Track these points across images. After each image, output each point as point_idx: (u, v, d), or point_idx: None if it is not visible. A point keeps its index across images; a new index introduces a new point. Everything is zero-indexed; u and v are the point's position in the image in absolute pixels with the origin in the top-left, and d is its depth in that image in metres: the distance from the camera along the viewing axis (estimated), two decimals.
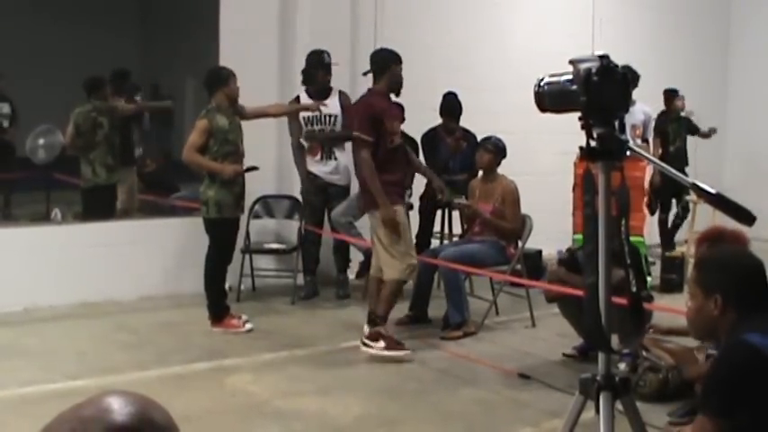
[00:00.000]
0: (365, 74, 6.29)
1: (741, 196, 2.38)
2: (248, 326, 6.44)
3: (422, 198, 7.87)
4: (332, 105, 7.36)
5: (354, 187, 7.81)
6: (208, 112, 6.40)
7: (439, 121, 7.91)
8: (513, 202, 6.72)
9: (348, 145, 7.64)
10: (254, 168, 6.58)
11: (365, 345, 5.88)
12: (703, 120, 11.21)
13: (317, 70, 7.38)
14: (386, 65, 6.12)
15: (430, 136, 7.92)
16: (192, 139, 6.39)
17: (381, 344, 5.83)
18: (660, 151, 9.49)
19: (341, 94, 7.53)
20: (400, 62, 6.16)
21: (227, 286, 6.72)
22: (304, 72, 7.44)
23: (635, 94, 7.76)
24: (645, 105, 8.54)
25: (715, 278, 2.73)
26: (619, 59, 2.37)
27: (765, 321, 2.62)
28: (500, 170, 6.86)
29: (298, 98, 7.35)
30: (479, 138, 7.32)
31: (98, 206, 8.06)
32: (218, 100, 6.41)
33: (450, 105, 7.84)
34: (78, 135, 8.02)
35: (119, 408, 1.14)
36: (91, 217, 7.95)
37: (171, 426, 1.17)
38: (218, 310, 6.47)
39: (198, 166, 6.48)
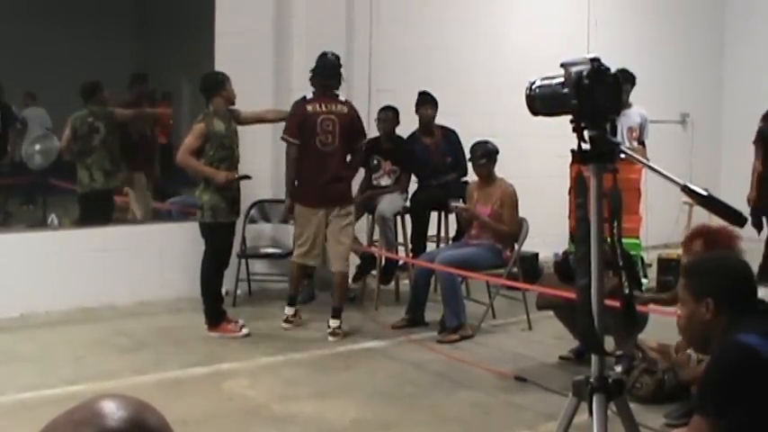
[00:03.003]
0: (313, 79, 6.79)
1: (737, 200, 2.40)
2: (245, 330, 6.44)
3: (413, 200, 7.86)
4: None
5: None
6: (205, 116, 6.41)
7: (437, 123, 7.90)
8: (511, 205, 6.72)
9: None
10: (246, 177, 6.58)
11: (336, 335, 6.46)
12: (697, 122, 11.26)
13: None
14: (339, 75, 6.78)
15: (409, 141, 7.89)
16: (188, 141, 6.40)
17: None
18: (759, 163, 8.54)
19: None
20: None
21: (223, 291, 6.73)
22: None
23: (631, 96, 7.85)
24: (641, 108, 8.54)
25: (705, 282, 2.74)
26: (614, 63, 2.39)
27: (757, 322, 2.64)
28: (498, 173, 6.86)
29: (305, 98, 7.27)
30: (470, 138, 7.33)
31: (95, 212, 8.04)
32: (216, 105, 6.42)
33: (421, 98, 7.82)
34: (75, 140, 8.03)
35: (111, 412, 1.13)
36: (88, 223, 7.94)
37: (165, 430, 1.18)
38: (215, 314, 6.46)
39: (191, 170, 6.48)
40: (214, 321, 6.44)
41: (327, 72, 6.66)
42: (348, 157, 6.74)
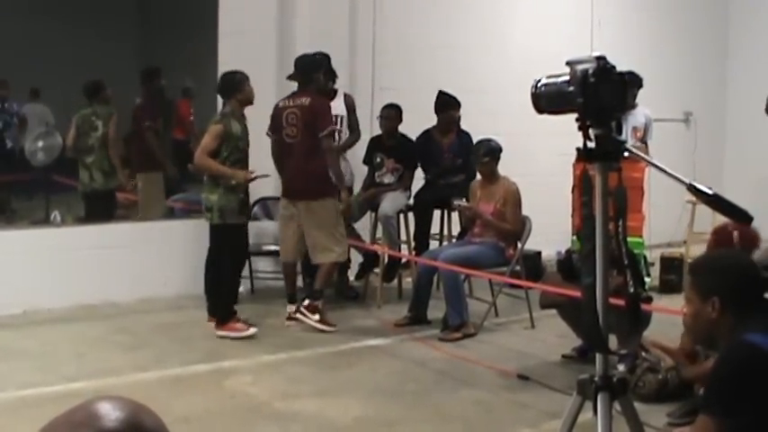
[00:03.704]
0: (289, 78, 6.97)
1: (740, 198, 2.39)
2: (252, 330, 6.34)
3: (416, 198, 7.85)
4: (338, 106, 7.37)
5: (355, 189, 7.83)
6: (223, 117, 6.36)
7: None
8: (514, 203, 6.71)
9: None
10: (264, 176, 6.55)
11: (302, 314, 6.53)
12: (700, 121, 11.25)
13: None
14: (310, 72, 6.79)
15: (424, 138, 7.88)
16: (205, 142, 6.32)
17: (316, 317, 6.49)
18: None
19: (345, 95, 7.57)
20: (322, 68, 6.97)
21: None
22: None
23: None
24: (646, 109, 8.53)
25: (711, 281, 2.73)
26: (617, 61, 2.37)
27: (765, 321, 2.63)
28: (501, 171, 6.85)
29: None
30: (474, 136, 7.34)
31: (96, 211, 8.07)
32: (233, 106, 6.38)
33: (446, 101, 7.79)
34: (78, 137, 8.06)
35: (108, 413, 1.14)
36: (90, 221, 7.96)
37: None
38: (227, 313, 6.34)
39: (209, 171, 6.36)
40: (223, 320, 6.34)
41: (295, 70, 6.88)
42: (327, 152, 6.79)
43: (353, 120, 7.60)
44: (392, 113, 7.76)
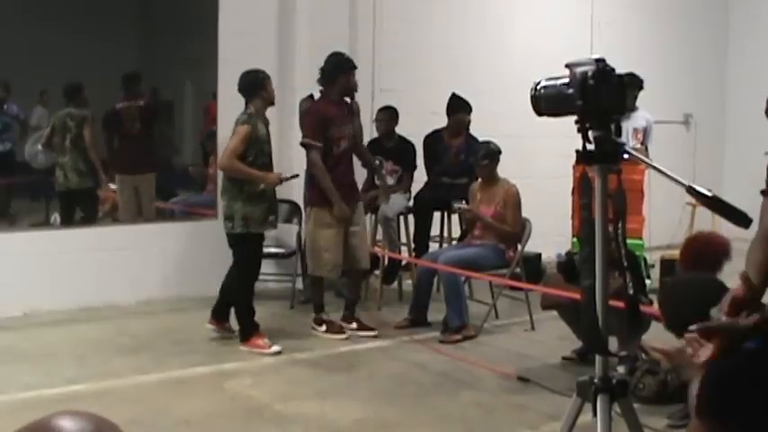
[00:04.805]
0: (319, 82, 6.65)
1: (740, 200, 2.39)
2: (275, 348, 6.03)
3: (417, 199, 7.85)
4: None
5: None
6: (250, 117, 6.01)
7: (439, 123, 7.90)
8: (514, 205, 6.71)
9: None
10: (295, 176, 6.39)
11: (312, 328, 6.56)
12: (700, 123, 11.26)
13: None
14: (335, 73, 6.42)
15: (433, 138, 7.90)
16: (234, 145, 5.95)
17: (323, 328, 6.52)
18: None
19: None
20: (351, 69, 6.49)
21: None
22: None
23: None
24: (647, 112, 8.53)
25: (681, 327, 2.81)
26: (617, 63, 2.38)
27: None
28: (501, 173, 6.86)
29: (311, 96, 7.23)
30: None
31: (70, 211, 8.14)
32: (257, 106, 6.05)
33: (458, 104, 7.78)
34: (53, 137, 8.27)
35: (68, 429, 1.10)
36: (65, 222, 8.09)
37: None
38: (248, 328, 6.11)
39: (239, 174, 6.00)
40: (247, 336, 6.10)
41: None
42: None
43: (357, 125, 7.58)
44: (387, 116, 7.78)
